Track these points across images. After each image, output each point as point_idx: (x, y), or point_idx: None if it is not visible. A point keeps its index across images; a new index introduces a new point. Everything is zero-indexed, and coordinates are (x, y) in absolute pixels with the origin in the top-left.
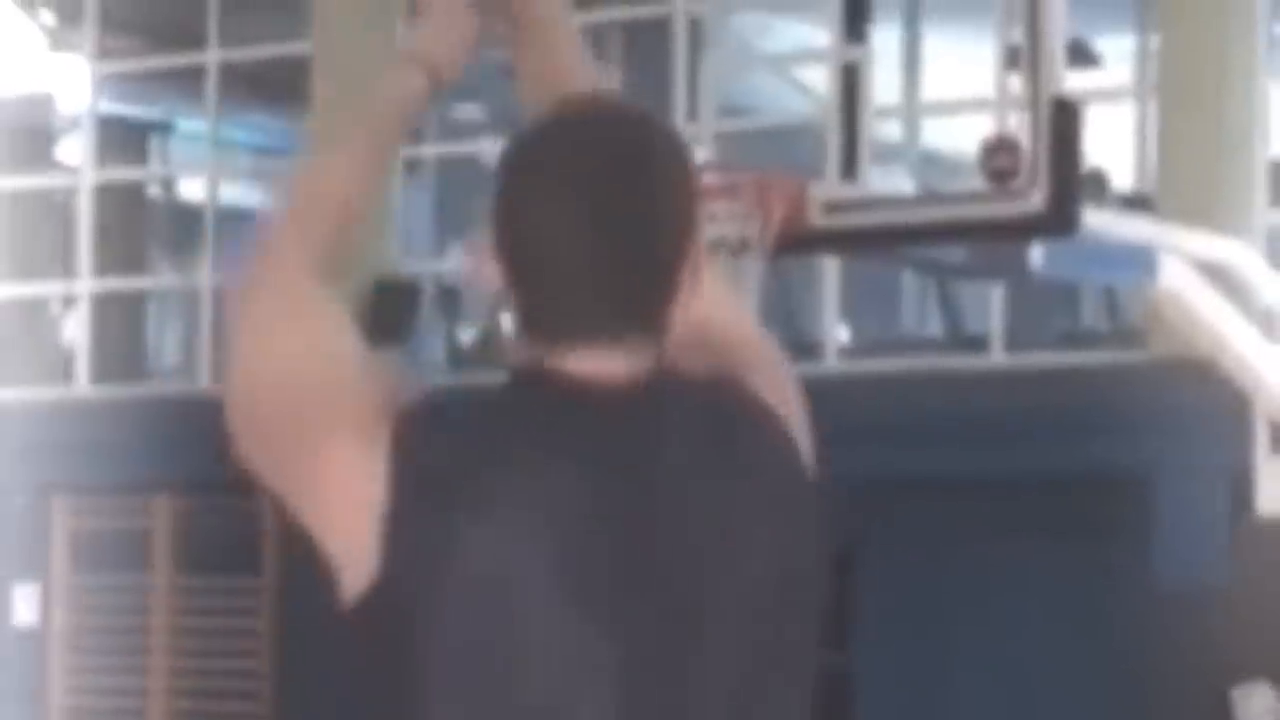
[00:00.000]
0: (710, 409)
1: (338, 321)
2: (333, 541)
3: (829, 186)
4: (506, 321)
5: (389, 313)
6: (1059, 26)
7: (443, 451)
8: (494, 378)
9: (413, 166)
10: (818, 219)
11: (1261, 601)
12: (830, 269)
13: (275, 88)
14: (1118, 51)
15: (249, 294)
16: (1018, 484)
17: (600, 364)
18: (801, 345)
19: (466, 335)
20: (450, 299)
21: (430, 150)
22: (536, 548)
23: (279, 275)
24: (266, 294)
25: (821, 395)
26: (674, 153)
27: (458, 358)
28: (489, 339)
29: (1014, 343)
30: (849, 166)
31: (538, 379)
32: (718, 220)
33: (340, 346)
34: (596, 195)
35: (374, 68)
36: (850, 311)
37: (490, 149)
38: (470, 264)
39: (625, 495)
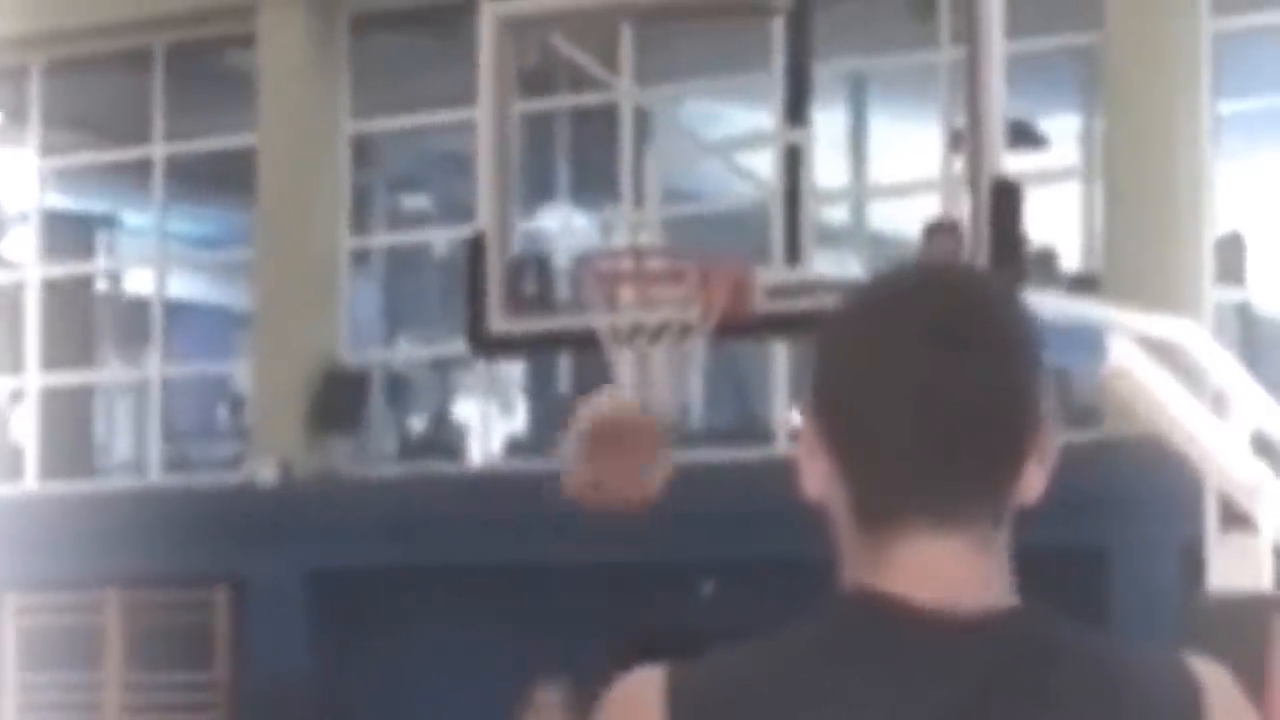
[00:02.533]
0: (1097, 670)
1: None
2: None
3: (773, 271)
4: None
5: (337, 402)
6: (998, 108)
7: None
8: (443, 469)
9: (360, 257)
10: (761, 303)
11: None
12: (780, 353)
13: (221, 180)
14: (1064, 132)
15: None
16: None
17: (940, 563)
18: (752, 429)
19: (416, 425)
20: (399, 389)
21: (378, 240)
22: None
23: None
24: None
25: (771, 478)
26: (1017, 316)
27: (408, 447)
28: (438, 428)
29: None
30: (792, 250)
31: (860, 609)
32: (661, 306)
33: None
34: (933, 363)
35: (317, 158)
36: (801, 395)
37: (438, 238)
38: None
39: None
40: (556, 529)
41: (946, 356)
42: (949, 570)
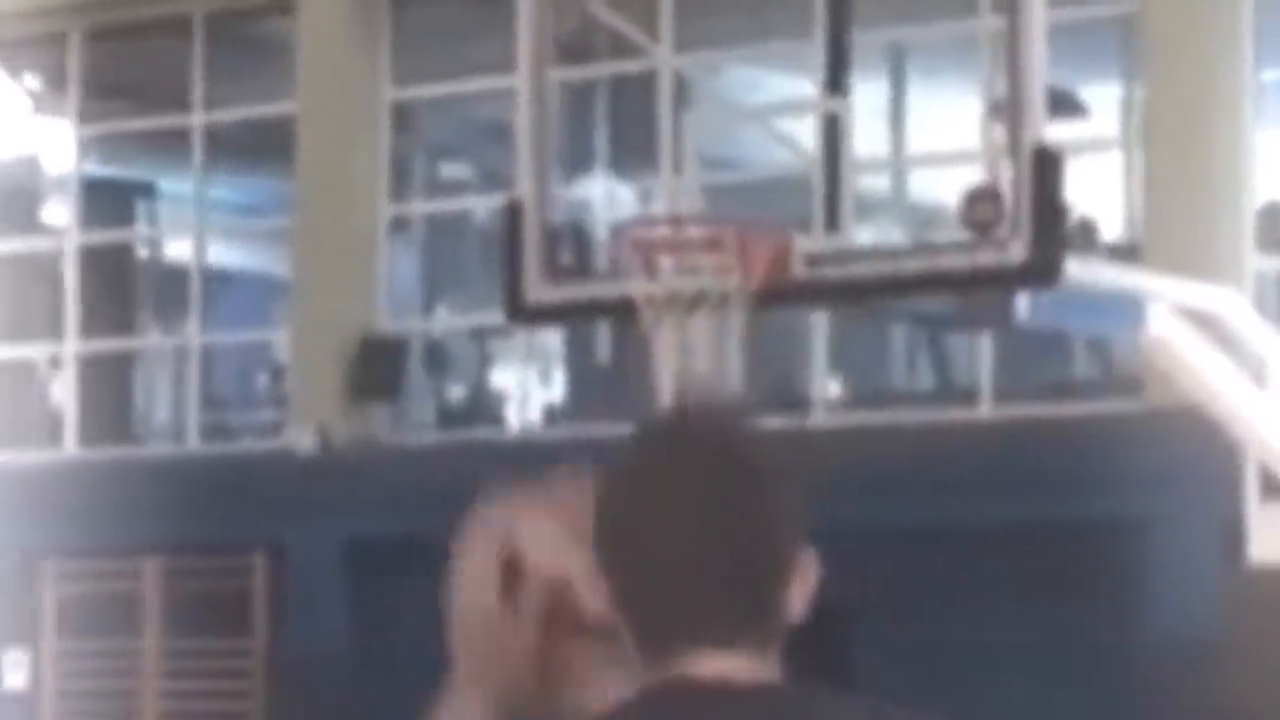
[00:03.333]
0: None
1: None
2: None
3: (812, 239)
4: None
5: (376, 370)
6: (1039, 76)
7: None
8: (481, 437)
9: (400, 225)
10: (799, 271)
11: (1256, 650)
12: (819, 322)
13: (260, 148)
14: (1104, 101)
15: None
16: (1012, 535)
17: (723, 668)
18: (790, 399)
19: (455, 393)
20: (438, 357)
21: (418, 208)
22: None
23: None
24: None
25: (810, 448)
26: (768, 459)
27: (447, 416)
28: (477, 397)
29: (1004, 394)
30: (831, 218)
31: (658, 687)
32: (700, 273)
33: None
34: (702, 502)
35: (357, 126)
36: (839, 365)
37: (478, 206)
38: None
39: None
40: None
41: (710, 509)
42: (726, 671)
